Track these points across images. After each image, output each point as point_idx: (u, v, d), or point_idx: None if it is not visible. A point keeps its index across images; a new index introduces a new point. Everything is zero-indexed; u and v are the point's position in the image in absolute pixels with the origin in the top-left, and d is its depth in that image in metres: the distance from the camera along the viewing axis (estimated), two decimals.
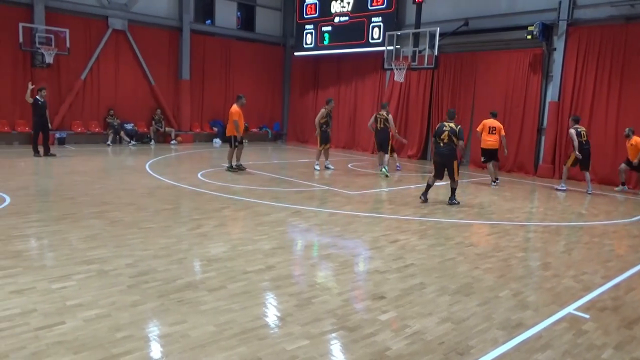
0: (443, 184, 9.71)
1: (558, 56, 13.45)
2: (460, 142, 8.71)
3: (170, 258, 5.15)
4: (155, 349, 3.34)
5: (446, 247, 6.11)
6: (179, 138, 18.44)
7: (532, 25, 13.23)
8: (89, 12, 16.54)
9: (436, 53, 13.85)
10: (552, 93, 13.70)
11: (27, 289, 4.15)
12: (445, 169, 8.72)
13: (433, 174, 8.90)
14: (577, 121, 11.11)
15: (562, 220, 8.18)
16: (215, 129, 19.73)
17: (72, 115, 16.68)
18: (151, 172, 11.06)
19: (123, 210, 7.19)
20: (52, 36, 15.29)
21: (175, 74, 18.90)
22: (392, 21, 16.93)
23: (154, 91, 18.36)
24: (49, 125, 13.56)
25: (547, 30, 13.43)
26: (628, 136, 11.25)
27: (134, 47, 17.60)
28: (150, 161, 13.02)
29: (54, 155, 13.18)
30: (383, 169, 12.05)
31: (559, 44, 13.40)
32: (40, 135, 13.20)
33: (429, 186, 8.93)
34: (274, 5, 21.54)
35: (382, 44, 16.04)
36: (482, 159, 11.87)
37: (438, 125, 8.80)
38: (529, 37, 13.30)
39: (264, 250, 5.58)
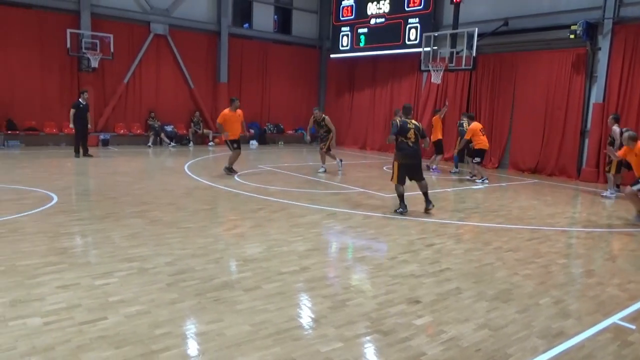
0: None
1: (603, 56, 12.96)
2: (426, 140, 7.94)
3: (208, 257, 5.25)
4: (193, 347, 3.42)
5: (484, 252, 5.99)
6: (216, 140, 18.77)
7: (576, 25, 12.81)
8: (132, 17, 17.09)
9: (474, 54, 13.60)
10: (596, 94, 13.21)
11: (73, 284, 4.32)
12: (413, 172, 7.83)
13: (398, 180, 7.81)
14: (617, 120, 10.66)
15: (606, 227, 7.88)
16: (252, 131, 19.99)
17: (116, 117, 17.28)
18: (190, 173, 11.31)
19: (163, 210, 7.39)
20: (97, 41, 15.89)
21: (214, 77, 19.28)
22: (429, 22, 16.74)
23: (193, 94, 18.79)
24: (88, 127, 13.99)
25: (591, 29, 12.97)
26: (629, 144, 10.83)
27: (174, 51, 18.08)
28: (189, 162, 13.33)
29: (91, 156, 13.63)
30: None
31: (604, 43, 12.91)
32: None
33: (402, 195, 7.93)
34: (310, 8, 21.68)
35: (418, 46, 15.89)
36: (479, 160, 11.80)
37: (401, 123, 7.66)
38: (572, 36, 12.89)
39: (299, 252, 5.61)
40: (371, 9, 18.70)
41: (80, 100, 13.70)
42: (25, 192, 8.28)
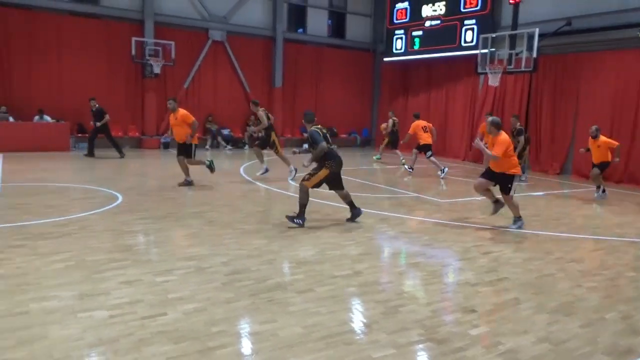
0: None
1: None
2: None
3: (262, 258, 5.35)
4: (246, 346, 3.49)
5: (544, 262, 5.74)
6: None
7: None
8: (192, 25, 17.76)
9: (535, 55, 13.08)
10: None
11: (135, 280, 4.54)
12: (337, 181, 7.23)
13: (328, 188, 7.27)
14: None
15: None
16: (306, 135, 20.18)
17: None
18: (245, 176, 11.58)
19: (219, 211, 7.60)
20: (159, 49, 16.64)
21: (269, 81, 19.65)
22: (487, 23, 16.28)
23: (249, 98, 19.20)
24: (96, 129, 14.31)
25: None
26: (596, 137, 10.20)
27: (231, 57, 18.60)
28: (244, 165, 13.64)
29: (92, 155, 14.06)
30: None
31: None
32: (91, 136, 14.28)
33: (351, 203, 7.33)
34: (364, 12, 21.66)
35: (475, 47, 15.47)
36: (430, 153, 13.15)
37: (323, 131, 7.10)
38: None
39: (352, 256, 5.61)
40: (426, 11, 18.43)
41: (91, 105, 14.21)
42: (94, 191, 8.78)
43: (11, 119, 14.72)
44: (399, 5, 19.57)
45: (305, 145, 19.19)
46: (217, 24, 18.17)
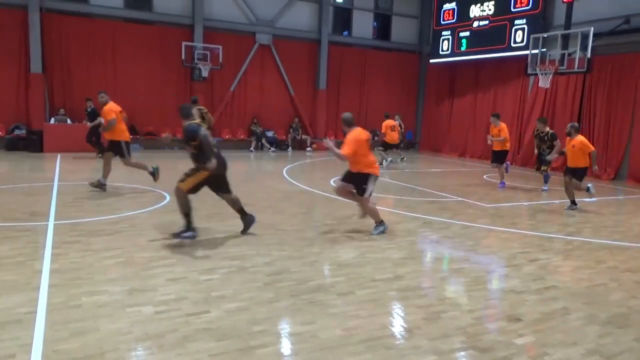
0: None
1: None
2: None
3: (303, 260, 5.39)
4: (287, 346, 3.53)
5: (596, 271, 5.49)
6: (314, 145, 19.24)
7: None
8: (239, 29, 18.15)
9: (589, 55, 12.56)
10: None
11: (181, 278, 4.68)
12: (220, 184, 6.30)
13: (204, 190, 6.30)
14: None
15: None
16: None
17: (222, 123, 18.41)
18: (288, 178, 11.71)
19: (262, 212, 7.71)
20: (208, 53, 17.11)
21: (313, 84, 19.79)
22: (538, 22, 15.76)
23: (293, 101, 19.45)
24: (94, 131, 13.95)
25: None
26: (570, 134, 9.00)
27: (276, 60, 18.88)
28: (288, 167, 13.79)
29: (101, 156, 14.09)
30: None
31: None
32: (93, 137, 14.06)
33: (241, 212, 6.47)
34: (410, 13, 21.45)
35: (525, 48, 15.02)
36: (383, 149, 14.82)
37: (202, 129, 5.93)
38: None
39: (393, 259, 5.56)
40: (474, 11, 18.04)
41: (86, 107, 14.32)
42: (143, 191, 9.11)
43: (69, 121, 15.50)
44: (446, 6, 19.26)
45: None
46: (263, 28, 18.48)
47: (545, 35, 13.88)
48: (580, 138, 8.87)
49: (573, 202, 9.01)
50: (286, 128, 19.56)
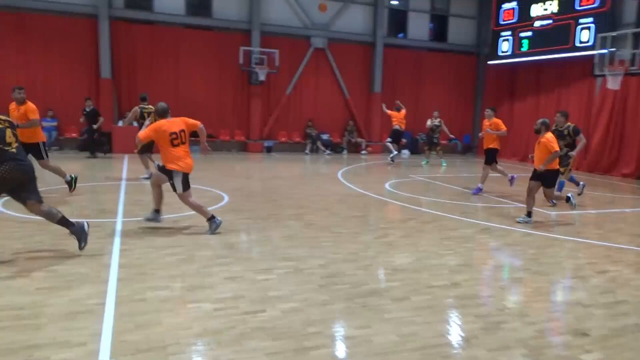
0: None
1: None
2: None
3: (358, 263, 5.38)
4: (341, 349, 3.53)
5: None
6: (369, 148, 19.18)
7: None
8: (295, 33, 18.41)
9: None
10: None
11: (238, 277, 4.79)
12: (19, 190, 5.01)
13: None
14: None
15: None
16: (404, 140, 19.96)
17: (278, 126, 18.74)
18: (343, 180, 11.73)
19: (317, 215, 7.78)
20: (265, 57, 17.48)
21: (368, 87, 19.74)
22: (606, 21, 14.91)
23: (348, 104, 19.49)
24: (94, 130, 14.66)
25: None
26: (539, 132, 7.84)
27: (331, 63, 18.99)
28: (342, 170, 13.81)
29: (94, 157, 14.47)
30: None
31: None
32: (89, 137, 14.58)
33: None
34: (468, 14, 20.95)
35: (592, 48, 14.31)
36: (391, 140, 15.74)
37: None
38: None
39: (450, 266, 5.44)
40: (536, 10, 17.34)
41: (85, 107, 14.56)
42: (203, 191, 9.41)
43: (135, 124, 16.27)
44: (506, 6, 18.64)
45: (405, 151, 19.14)
46: (319, 32, 18.65)
47: (615, 34, 13.13)
48: (548, 136, 7.66)
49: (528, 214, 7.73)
50: (341, 131, 19.61)
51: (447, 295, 4.56)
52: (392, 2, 20.10)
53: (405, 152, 19.33)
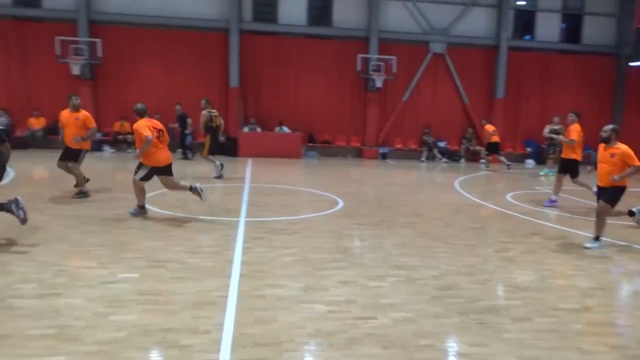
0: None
1: None
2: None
3: (474, 277, 5.15)
4: None
5: None
6: (489, 157, 18.23)
7: None
8: (413, 39, 18.21)
9: None
10: None
11: (351, 281, 4.85)
12: None
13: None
14: None
15: None
16: (529, 149, 18.71)
17: (394, 132, 18.66)
18: (460, 190, 11.30)
19: (432, 224, 7.59)
20: (382, 64, 17.54)
21: (489, 92, 18.83)
22: None
23: (467, 110, 18.76)
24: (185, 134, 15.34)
25: None
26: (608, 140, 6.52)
27: (450, 69, 18.43)
28: (460, 179, 13.31)
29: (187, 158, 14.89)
30: None
31: None
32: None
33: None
34: (606, 12, 19.02)
35: None
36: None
37: None
38: None
39: (580, 288, 4.96)
40: None
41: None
42: (319, 195, 9.70)
43: (259, 129, 17.32)
44: None
45: (530, 161, 17.90)
46: (437, 37, 18.23)
47: None
48: (622, 148, 6.45)
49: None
50: (459, 138, 18.93)
51: (575, 320, 4.17)
52: (518, 3, 18.95)
53: (530, 162, 18.07)
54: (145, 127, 6.92)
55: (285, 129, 17.32)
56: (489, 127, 16.24)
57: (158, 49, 17.08)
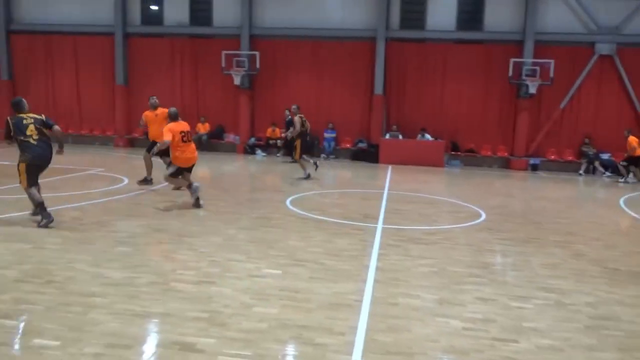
0: None
1: None
2: (55, 128, 6.65)
3: (638, 310, 4.50)
4: None
5: None
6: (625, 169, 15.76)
7: None
8: (575, 40, 16.55)
9: None
10: None
11: (490, 299, 4.59)
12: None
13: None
14: None
15: None
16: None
17: (548, 142, 17.15)
18: (626, 209, 9.96)
19: (589, 245, 6.82)
20: (537, 68, 16.25)
21: None
22: None
23: None
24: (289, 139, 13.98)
25: None
26: None
27: (620, 72, 16.33)
28: (626, 196, 11.72)
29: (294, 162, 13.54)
30: None
31: None
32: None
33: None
34: None
35: None
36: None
37: (13, 121, 6.44)
38: None
39: None
40: None
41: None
42: (460, 206, 9.35)
43: (400, 137, 17.28)
44: None
45: None
46: (605, 37, 16.30)
47: None
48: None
49: None
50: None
51: None
52: None
53: None
54: (168, 131, 7.77)
55: (428, 137, 17.00)
56: (633, 140, 14.25)
57: (309, 59, 18.07)
